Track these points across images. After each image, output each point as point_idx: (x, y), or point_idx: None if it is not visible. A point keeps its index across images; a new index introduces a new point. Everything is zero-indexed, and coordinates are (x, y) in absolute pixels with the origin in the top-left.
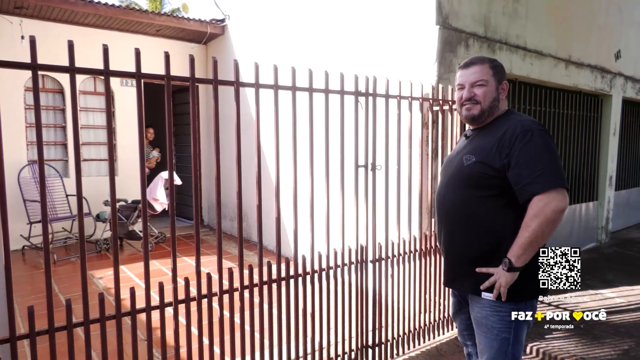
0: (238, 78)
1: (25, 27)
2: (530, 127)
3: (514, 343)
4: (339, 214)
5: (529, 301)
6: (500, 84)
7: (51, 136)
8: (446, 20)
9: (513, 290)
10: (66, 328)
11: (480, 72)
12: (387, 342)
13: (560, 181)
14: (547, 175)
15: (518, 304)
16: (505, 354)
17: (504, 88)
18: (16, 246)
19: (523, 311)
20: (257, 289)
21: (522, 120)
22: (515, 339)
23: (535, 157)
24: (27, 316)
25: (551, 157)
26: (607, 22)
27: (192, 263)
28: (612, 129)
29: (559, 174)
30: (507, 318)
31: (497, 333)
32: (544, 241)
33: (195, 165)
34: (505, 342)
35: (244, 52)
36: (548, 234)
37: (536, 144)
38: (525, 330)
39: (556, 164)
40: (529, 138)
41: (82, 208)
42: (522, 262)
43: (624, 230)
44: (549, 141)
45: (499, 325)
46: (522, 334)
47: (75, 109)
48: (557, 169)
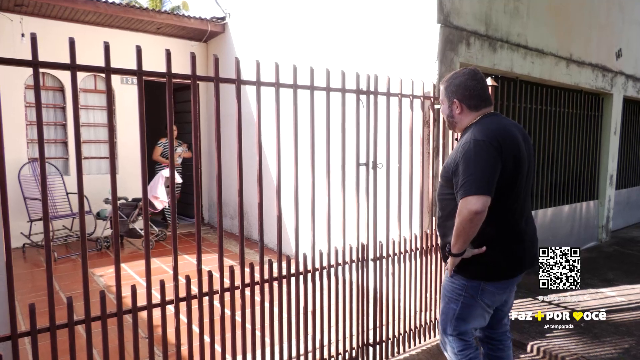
0: (239, 76)
1: (26, 24)
2: (472, 139)
3: (458, 317)
4: (340, 212)
5: (477, 281)
6: (452, 102)
7: (51, 134)
8: (447, 18)
9: (465, 269)
10: (67, 326)
11: (440, 92)
12: (387, 340)
13: (476, 189)
14: (468, 184)
15: (468, 281)
16: (448, 322)
17: (456, 105)
18: (17, 244)
19: (471, 291)
20: (258, 287)
21: (474, 132)
22: (460, 313)
23: (465, 167)
24: (28, 314)
25: (476, 168)
26: (608, 20)
27: (192, 261)
28: (612, 127)
29: (478, 182)
30: (458, 290)
31: (447, 301)
32: (466, 235)
33: (196, 163)
34: (452, 311)
35: (244, 50)
36: (469, 229)
37: (468, 156)
38: (475, 310)
39: (478, 174)
40: (466, 149)
41: (84, 206)
42: (457, 250)
43: (624, 229)
44: (480, 153)
45: (450, 295)
46: (470, 314)
47: (77, 107)
48: (477, 179)
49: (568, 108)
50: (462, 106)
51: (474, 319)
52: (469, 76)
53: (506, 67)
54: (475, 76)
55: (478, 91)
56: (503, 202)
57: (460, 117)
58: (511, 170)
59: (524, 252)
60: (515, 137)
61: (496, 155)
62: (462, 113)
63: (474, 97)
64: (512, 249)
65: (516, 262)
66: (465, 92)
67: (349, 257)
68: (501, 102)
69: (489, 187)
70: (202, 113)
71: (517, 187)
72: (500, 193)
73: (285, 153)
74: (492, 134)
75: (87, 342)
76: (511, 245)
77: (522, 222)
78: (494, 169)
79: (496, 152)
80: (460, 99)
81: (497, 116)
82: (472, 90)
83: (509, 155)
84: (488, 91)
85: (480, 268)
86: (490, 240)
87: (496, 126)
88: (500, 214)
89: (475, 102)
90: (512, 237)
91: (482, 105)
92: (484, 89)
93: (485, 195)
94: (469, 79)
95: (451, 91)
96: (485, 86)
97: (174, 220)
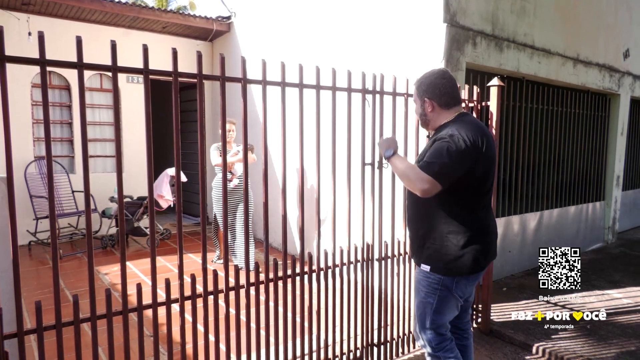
0: (245, 75)
1: (32, 23)
2: (444, 136)
3: (435, 310)
4: (346, 211)
5: (453, 277)
6: (423, 101)
7: (57, 132)
8: (454, 18)
9: (441, 266)
10: (73, 323)
11: (413, 94)
12: (392, 341)
13: (432, 173)
14: (430, 165)
15: (444, 277)
16: (426, 317)
17: (427, 104)
18: (23, 241)
19: (447, 284)
20: (263, 286)
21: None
22: (437, 307)
23: (436, 152)
24: (34, 311)
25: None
26: (615, 20)
27: (197, 260)
28: (619, 128)
29: (437, 168)
30: (434, 285)
31: (423, 296)
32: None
33: (201, 162)
34: (429, 305)
35: (250, 50)
36: (405, 178)
37: (442, 146)
38: (450, 302)
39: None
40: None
41: (90, 204)
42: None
43: (630, 231)
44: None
45: (426, 289)
46: (446, 306)
47: (83, 106)
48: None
49: (575, 108)
50: (434, 104)
51: (450, 311)
52: (438, 75)
53: (512, 67)
54: (444, 75)
55: (447, 89)
56: (478, 198)
57: (433, 115)
58: (487, 168)
59: (492, 245)
60: (491, 136)
61: (467, 156)
62: (434, 111)
63: (444, 94)
64: (485, 242)
65: (488, 254)
66: (435, 90)
67: (354, 257)
68: (507, 103)
69: (446, 180)
70: (208, 112)
71: (489, 184)
72: (476, 190)
73: (290, 152)
74: (473, 135)
75: (92, 339)
76: (484, 238)
77: (490, 215)
78: (460, 167)
79: (470, 153)
80: (431, 97)
81: (472, 116)
82: (441, 88)
83: (489, 153)
84: (458, 90)
85: (457, 264)
86: (468, 236)
87: (475, 126)
88: (475, 210)
89: (446, 99)
90: (484, 231)
91: (453, 104)
92: (453, 88)
93: (440, 185)
94: (439, 78)
95: (422, 90)
96: (454, 85)
97: (179, 219)
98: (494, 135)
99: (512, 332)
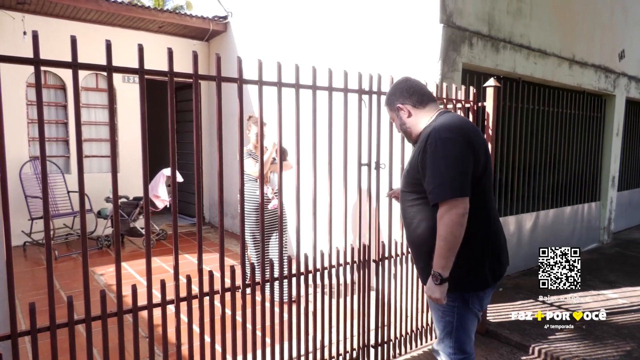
0: (241, 75)
1: (27, 23)
2: (434, 136)
3: (457, 327)
4: (342, 212)
5: (473, 292)
6: (398, 111)
7: (52, 132)
8: (450, 18)
9: (457, 283)
10: (67, 325)
11: (388, 113)
12: (389, 342)
13: (452, 191)
14: (441, 187)
15: (459, 294)
16: (450, 335)
17: (402, 111)
18: (17, 242)
19: (467, 300)
20: (259, 287)
21: (433, 128)
22: (459, 324)
23: (433, 168)
24: (28, 312)
25: (446, 165)
26: (611, 21)
27: (193, 260)
28: (615, 129)
29: (452, 183)
30: (451, 303)
31: (441, 315)
32: (457, 242)
33: (197, 163)
34: (449, 324)
35: (246, 50)
36: (458, 235)
37: (435, 154)
38: (471, 318)
39: (450, 175)
40: (432, 149)
41: (85, 204)
42: (448, 269)
43: (626, 231)
44: (448, 150)
45: (443, 309)
46: (468, 321)
47: (78, 105)
48: (451, 180)
49: (570, 109)
50: (407, 107)
51: (473, 325)
52: (401, 81)
53: (509, 67)
54: (408, 79)
55: (415, 88)
56: (487, 200)
57: (412, 121)
58: (485, 165)
59: (504, 251)
60: (479, 130)
61: (466, 149)
62: (412, 115)
63: (413, 93)
64: (497, 252)
65: (502, 263)
66: (403, 93)
67: (351, 258)
68: (503, 103)
69: (465, 187)
70: (204, 112)
71: (491, 182)
72: (483, 191)
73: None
74: (458, 129)
75: (87, 341)
76: (496, 249)
77: (499, 222)
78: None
79: (467, 146)
80: (402, 102)
81: (453, 112)
82: (408, 89)
83: (481, 148)
84: (427, 89)
85: (472, 279)
86: (480, 247)
87: (459, 120)
88: (486, 214)
89: (418, 97)
90: (497, 238)
91: (427, 100)
92: (420, 86)
93: (466, 195)
94: (402, 83)
95: (392, 101)
96: (421, 84)
97: (174, 220)
98: (490, 135)
99: (508, 333)
